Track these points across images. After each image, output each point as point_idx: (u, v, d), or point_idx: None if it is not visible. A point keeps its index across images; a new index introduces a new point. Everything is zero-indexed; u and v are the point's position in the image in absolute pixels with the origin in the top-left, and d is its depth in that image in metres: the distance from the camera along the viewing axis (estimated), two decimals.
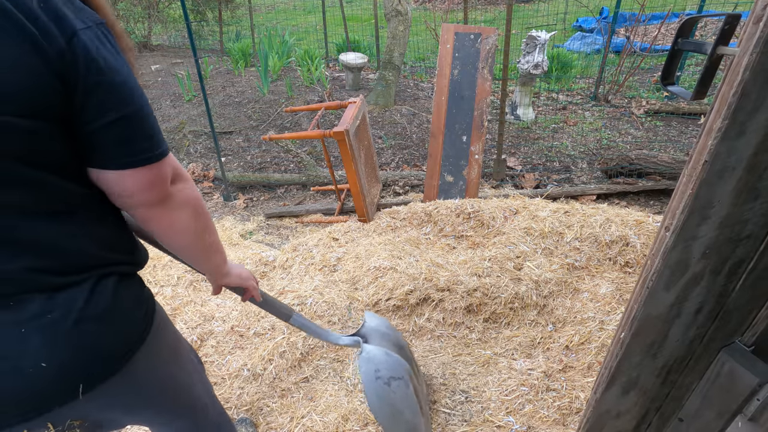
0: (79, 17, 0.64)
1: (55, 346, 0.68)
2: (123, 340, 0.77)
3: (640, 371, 0.79)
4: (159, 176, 0.73)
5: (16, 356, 0.66)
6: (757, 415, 0.74)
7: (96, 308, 0.72)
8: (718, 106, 0.54)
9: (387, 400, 1.29)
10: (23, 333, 0.66)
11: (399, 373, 1.33)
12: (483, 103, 3.19)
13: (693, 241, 0.62)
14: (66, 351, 0.69)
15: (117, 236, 0.79)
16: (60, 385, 0.71)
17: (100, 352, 0.74)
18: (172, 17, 8.12)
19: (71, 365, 0.71)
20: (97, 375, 0.74)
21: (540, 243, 2.39)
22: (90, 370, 0.73)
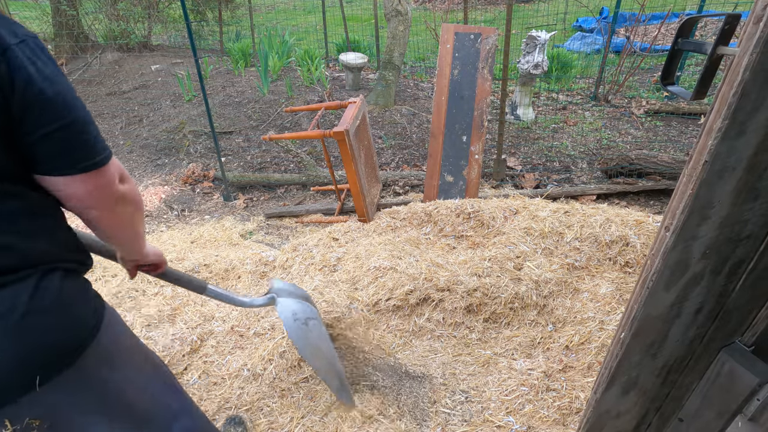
0: (11, 31, 0.65)
1: (5, 339, 0.70)
2: (72, 334, 0.78)
3: (640, 371, 0.79)
4: (105, 181, 0.75)
5: None
6: (757, 415, 0.74)
7: (42, 302, 0.73)
8: (718, 106, 0.54)
9: (308, 338, 1.46)
10: None
11: (312, 314, 1.52)
12: (483, 103, 3.19)
13: (693, 241, 0.62)
14: (16, 344, 0.71)
15: (64, 235, 0.82)
16: (15, 376, 0.72)
17: (50, 344, 0.75)
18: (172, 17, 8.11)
19: (24, 357, 0.72)
20: (51, 366, 0.75)
21: (540, 243, 2.39)
22: (42, 361, 0.74)
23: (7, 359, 0.70)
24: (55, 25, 7.01)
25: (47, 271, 0.76)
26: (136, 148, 4.62)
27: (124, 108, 5.43)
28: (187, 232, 3.17)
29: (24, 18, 7.97)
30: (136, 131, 4.93)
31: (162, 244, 2.91)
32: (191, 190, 3.91)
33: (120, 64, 6.52)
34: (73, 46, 6.91)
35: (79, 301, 0.81)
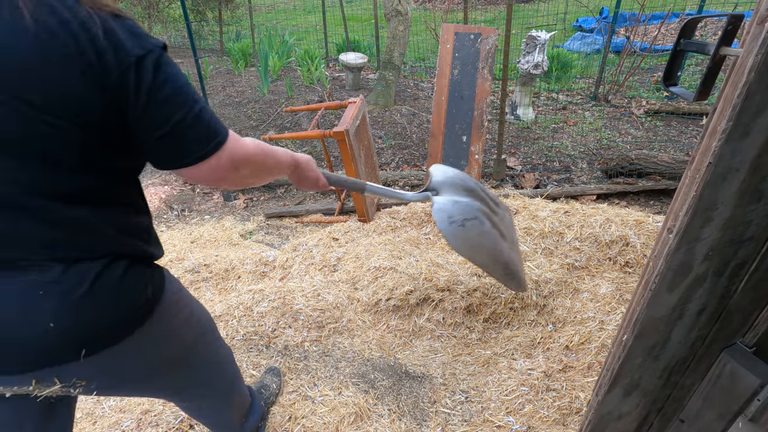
0: (138, 44, 0.72)
1: (64, 310, 0.77)
2: (125, 316, 0.85)
3: (642, 373, 0.79)
4: (217, 165, 0.82)
5: (33, 314, 0.76)
6: (758, 415, 0.74)
7: (105, 283, 0.80)
8: (721, 107, 0.54)
9: (464, 239, 1.44)
10: (41, 294, 0.76)
11: (471, 214, 1.46)
12: (483, 103, 3.19)
13: (696, 242, 0.62)
14: (73, 317, 0.78)
15: (140, 228, 0.89)
16: (63, 345, 0.79)
17: (102, 324, 0.82)
18: (172, 17, 8.11)
19: (76, 330, 0.79)
20: (98, 342, 0.82)
21: (540, 243, 2.39)
22: (91, 337, 0.81)
23: (60, 328, 0.77)
24: None
25: (117, 257, 0.83)
26: None
27: None
28: (187, 232, 3.16)
29: None
30: None
31: (162, 244, 2.91)
32: (191, 190, 3.91)
33: None
34: None
35: (138, 288, 0.86)
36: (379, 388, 1.80)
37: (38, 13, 0.65)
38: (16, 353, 0.77)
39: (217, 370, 1.20)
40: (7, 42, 0.65)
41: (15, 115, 0.67)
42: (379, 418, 1.67)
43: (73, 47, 0.67)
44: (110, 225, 0.81)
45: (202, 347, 1.10)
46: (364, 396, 1.75)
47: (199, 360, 1.10)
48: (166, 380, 1.05)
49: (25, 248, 0.75)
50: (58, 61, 0.67)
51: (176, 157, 0.79)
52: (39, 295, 0.76)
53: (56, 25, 0.66)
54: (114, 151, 0.77)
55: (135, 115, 0.73)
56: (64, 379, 0.83)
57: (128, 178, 0.85)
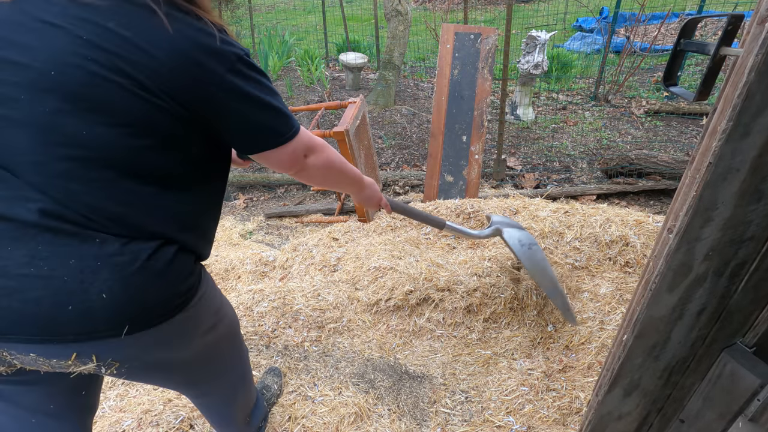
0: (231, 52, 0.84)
1: (118, 282, 0.80)
2: (169, 298, 0.88)
3: (642, 373, 0.79)
4: (288, 156, 0.96)
5: (88, 282, 0.78)
6: (758, 415, 0.74)
7: (156, 264, 0.84)
8: (721, 107, 0.54)
9: (534, 260, 1.74)
10: (98, 265, 0.79)
11: (533, 240, 1.78)
12: (483, 103, 3.19)
13: (696, 242, 0.62)
14: (123, 290, 0.81)
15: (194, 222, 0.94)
16: (110, 319, 0.81)
17: (148, 302, 0.85)
18: None
19: (123, 304, 0.82)
20: (141, 321, 0.85)
21: (540, 243, 2.39)
22: (136, 313, 0.84)
23: (111, 300, 0.80)
24: None
25: (168, 242, 0.87)
26: None
27: None
28: None
29: None
30: None
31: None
32: None
33: None
34: None
35: (183, 274, 0.91)
36: (379, 388, 1.80)
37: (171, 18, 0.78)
38: (67, 320, 0.78)
39: (234, 368, 1.23)
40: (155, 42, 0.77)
41: (129, 93, 0.76)
42: (379, 418, 1.67)
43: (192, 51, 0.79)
44: (172, 211, 0.87)
45: (225, 343, 1.13)
46: (364, 396, 1.75)
47: (221, 356, 1.13)
48: (189, 371, 1.07)
49: (90, 218, 0.79)
50: (180, 59, 0.78)
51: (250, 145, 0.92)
52: (97, 265, 0.79)
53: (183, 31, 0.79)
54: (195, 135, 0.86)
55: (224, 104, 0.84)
56: (101, 357, 0.85)
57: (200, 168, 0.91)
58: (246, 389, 1.34)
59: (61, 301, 0.77)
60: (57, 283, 0.76)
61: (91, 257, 0.79)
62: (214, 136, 0.90)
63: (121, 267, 0.80)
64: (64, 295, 0.77)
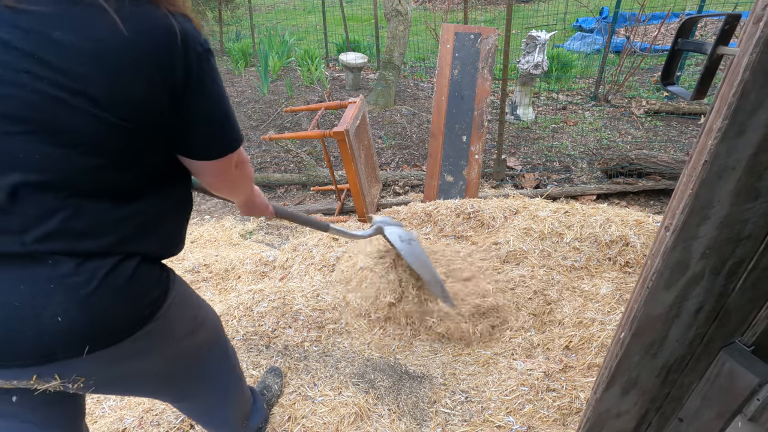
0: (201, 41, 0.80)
1: (73, 305, 0.77)
2: (130, 314, 0.85)
3: (640, 371, 0.79)
4: (227, 164, 0.93)
5: (41, 306, 0.75)
6: (756, 415, 0.74)
7: (114, 281, 0.81)
8: (718, 106, 0.54)
9: (414, 253, 1.84)
10: (51, 288, 0.76)
11: (412, 236, 1.89)
12: (483, 103, 3.19)
13: (693, 241, 0.62)
14: (80, 312, 0.78)
15: (157, 227, 0.89)
16: (68, 340, 0.78)
17: (109, 320, 0.82)
18: None
19: (81, 325, 0.78)
20: (102, 340, 0.82)
21: (540, 243, 2.39)
22: (96, 333, 0.81)
23: (67, 323, 0.77)
24: None
25: (129, 255, 0.83)
26: None
27: None
28: (188, 232, 3.17)
29: None
30: None
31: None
32: None
33: None
34: None
35: (146, 287, 0.87)
36: (379, 388, 1.80)
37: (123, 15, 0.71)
38: (22, 346, 0.76)
39: (221, 374, 1.19)
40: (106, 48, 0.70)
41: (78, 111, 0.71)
42: (379, 418, 1.67)
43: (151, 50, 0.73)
44: (132, 222, 0.83)
45: (207, 348, 1.10)
46: (364, 396, 1.75)
47: (203, 363, 1.10)
48: (166, 382, 1.04)
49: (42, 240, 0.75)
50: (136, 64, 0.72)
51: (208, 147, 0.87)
52: (50, 288, 0.76)
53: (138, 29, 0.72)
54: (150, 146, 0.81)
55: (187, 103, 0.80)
56: (64, 375, 0.83)
57: (156, 174, 0.86)
58: (238, 391, 1.31)
59: (12, 328, 0.74)
60: (7, 310, 0.74)
61: (44, 280, 0.75)
62: (172, 138, 0.84)
63: (76, 288, 0.77)
64: (14, 322, 0.74)
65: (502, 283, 2.17)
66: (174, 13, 0.76)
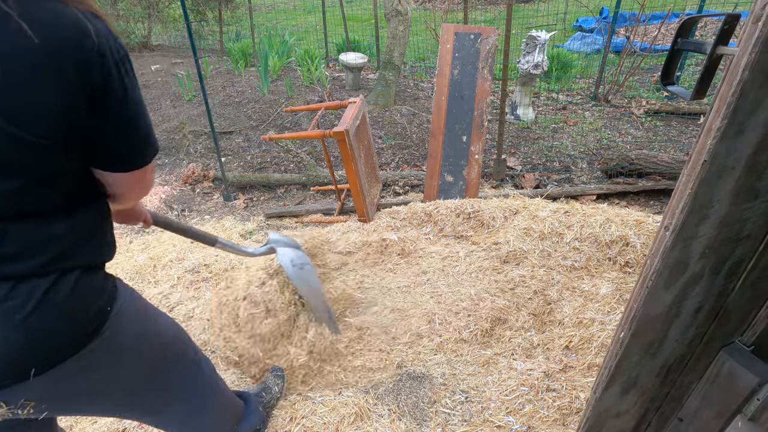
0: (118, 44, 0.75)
1: (10, 329, 0.73)
2: (74, 331, 0.81)
3: (640, 371, 0.79)
4: (144, 175, 0.88)
5: None
6: (756, 414, 0.74)
7: (55, 298, 0.77)
8: (717, 105, 0.54)
9: (306, 280, 1.74)
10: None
11: (306, 260, 1.78)
12: (483, 103, 3.19)
13: (692, 240, 0.62)
14: (20, 335, 0.74)
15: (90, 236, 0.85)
16: (11, 365, 0.75)
17: (52, 339, 0.78)
18: (172, 17, 8.12)
19: (23, 349, 0.75)
20: (49, 359, 0.79)
21: (540, 243, 2.39)
22: (41, 354, 0.78)
23: (7, 349, 0.74)
24: None
25: (67, 270, 0.79)
26: None
27: None
28: None
29: None
30: None
31: (162, 243, 2.92)
32: (191, 190, 3.91)
33: None
34: None
35: (88, 298, 0.83)
36: (379, 388, 1.80)
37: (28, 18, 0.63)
38: None
39: (190, 384, 1.12)
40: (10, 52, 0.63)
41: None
42: (379, 418, 1.67)
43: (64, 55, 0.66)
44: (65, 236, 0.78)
45: (169, 363, 1.04)
46: (364, 396, 1.75)
47: (165, 375, 1.03)
48: (126, 398, 0.98)
49: None
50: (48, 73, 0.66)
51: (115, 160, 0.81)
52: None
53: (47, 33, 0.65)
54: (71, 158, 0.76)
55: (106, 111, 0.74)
56: (11, 402, 0.79)
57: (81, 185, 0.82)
58: (215, 397, 1.23)
59: None
60: None
61: None
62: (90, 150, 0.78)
63: (11, 312, 0.73)
64: None
65: (502, 283, 2.17)
66: (84, 12, 0.69)
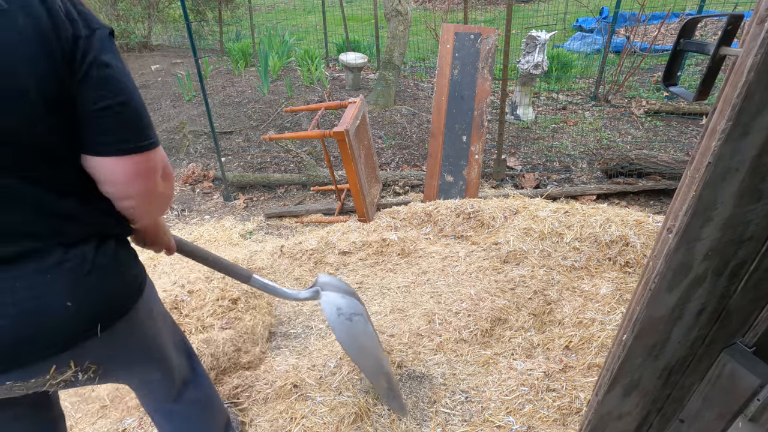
0: (95, 20, 0.76)
1: (76, 288, 0.81)
2: (127, 289, 0.92)
3: (642, 373, 0.79)
4: (147, 167, 0.82)
5: (46, 297, 0.78)
6: (757, 415, 0.74)
7: (103, 260, 0.86)
8: (721, 107, 0.54)
9: (352, 334, 1.43)
10: (48, 278, 0.79)
11: (358, 310, 1.47)
12: (483, 103, 3.19)
13: (696, 242, 0.62)
14: (85, 293, 0.82)
15: (112, 208, 0.89)
16: (82, 322, 0.83)
17: (111, 297, 0.88)
18: (172, 17, 8.12)
19: (89, 304, 0.84)
20: (110, 315, 0.88)
21: (540, 243, 2.39)
22: (104, 310, 0.86)
23: (77, 305, 0.81)
24: None
25: (105, 237, 0.88)
26: None
27: None
28: (187, 232, 3.16)
29: None
30: None
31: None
32: (191, 190, 3.91)
33: None
34: None
35: (130, 263, 0.94)
36: None
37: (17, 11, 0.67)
38: (41, 341, 0.79)
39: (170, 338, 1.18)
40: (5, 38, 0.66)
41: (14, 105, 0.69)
42: (379, 418, 1.67)
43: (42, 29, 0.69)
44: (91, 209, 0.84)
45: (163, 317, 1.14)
46: (364, 396, 1.75)
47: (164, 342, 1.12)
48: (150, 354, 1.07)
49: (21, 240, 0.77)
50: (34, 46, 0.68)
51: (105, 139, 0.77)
52: (47, 279, 0.78)
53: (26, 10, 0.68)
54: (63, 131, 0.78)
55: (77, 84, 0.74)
56: (78, 362, 0.86)
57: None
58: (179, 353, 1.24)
59: (25, 322, 0.77)
60: (12, 310, 0.76)
61: (38, 274, 0.78)
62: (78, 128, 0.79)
63: (73, 271, 0.81)
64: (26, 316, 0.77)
65: (502, 283, 2.17)
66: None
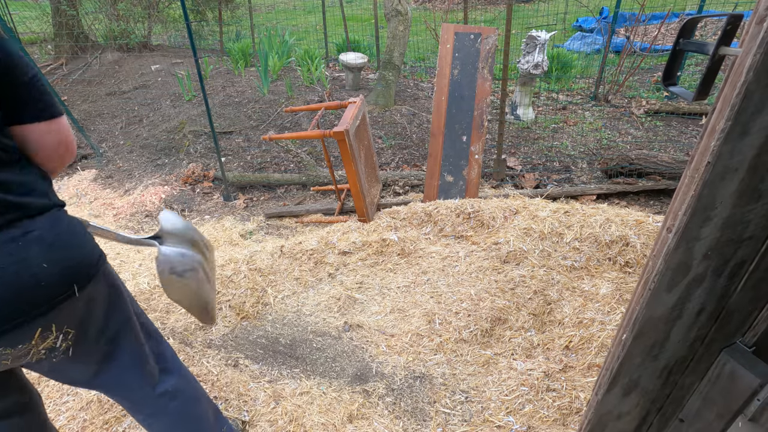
0: None
1: (49, 251, 0.90)
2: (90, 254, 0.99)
3: (642, 372, 0.79)
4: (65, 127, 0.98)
5: (24, 260, 0.87)
6: (757, 415, 0.74)
7: (65, 227, 0.95)
8: (720, 106, 0.54)
9: (179, 287, 1.41)
10: (20, 245, 0.87)
11: (191, 266, 1.44)
12: (483, 103, 3.19)
13: (695, 242, 0.62)
14: (58, 254, 0.91)
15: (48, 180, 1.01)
16: (61, 280, 0.91)
17: (79, 260, 0.95)
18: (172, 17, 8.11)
19: (64, 267, 0.92)
20: (81, 277, 0.95)
21: (540, 243, 2.39)
22: (76, 272, 0.94)
23: (52, 265, 0.89)
24: (55, 25, 7.01)
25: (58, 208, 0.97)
26: (136, 148, 4.61)
27: (124, 108, 5.42)
28: None
29: (24, 18, 7.97)
30: (136, 131, 4.93)
31: None
32: (191, 190, 3.91)
33: (120, 64, 6.51)
34: (73, 46, 6.91)
35: (85, 233, 1.01)
36: (380, 388, 1.80)
37: None
38: (24, 302, 0.86)
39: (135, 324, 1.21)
40: None
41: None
42: (379, 418, 1.67)
43: None
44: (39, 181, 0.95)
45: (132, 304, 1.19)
46: (364, 396, 1.75)
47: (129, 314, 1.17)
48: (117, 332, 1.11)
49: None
50: None
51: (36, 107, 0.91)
52: (19, 246, 0.87)
53: None
54: None
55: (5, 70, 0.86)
56: (59, 326, 0.94)
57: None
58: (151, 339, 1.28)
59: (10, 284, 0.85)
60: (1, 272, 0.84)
61: (10, 241, 0.86)
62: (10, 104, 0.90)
63: (41, 239, 0.89)
64: (9, 284, 0.85)
65: (502, 283, 2.17)
66: None
